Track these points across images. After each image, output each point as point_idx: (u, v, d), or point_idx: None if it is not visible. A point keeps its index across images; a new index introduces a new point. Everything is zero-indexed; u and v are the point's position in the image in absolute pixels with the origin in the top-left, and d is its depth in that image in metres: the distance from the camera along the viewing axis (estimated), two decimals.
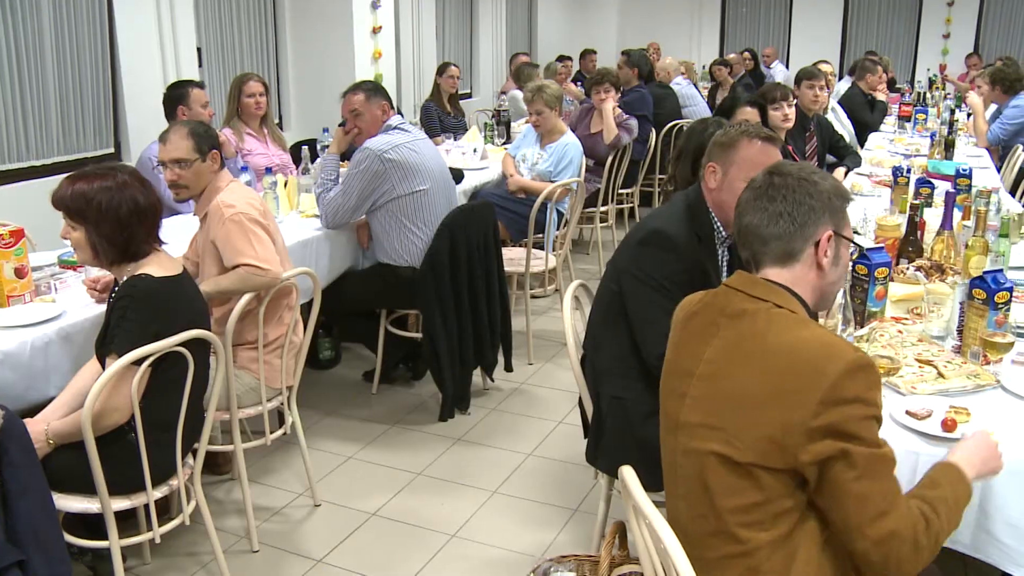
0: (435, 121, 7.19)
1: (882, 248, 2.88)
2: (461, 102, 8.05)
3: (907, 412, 2.22)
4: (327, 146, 4.37)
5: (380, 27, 7.70)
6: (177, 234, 3.47)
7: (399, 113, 4.28)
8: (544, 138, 5.39)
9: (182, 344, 2.48)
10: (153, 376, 2.49)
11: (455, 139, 6.47)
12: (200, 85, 4.68)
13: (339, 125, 4.22)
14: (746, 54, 11.42)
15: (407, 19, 8.91)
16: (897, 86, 10.59)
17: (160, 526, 2.66)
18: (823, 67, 7.56)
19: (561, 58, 9.98)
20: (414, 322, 4.48)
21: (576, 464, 3.65)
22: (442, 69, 7.54)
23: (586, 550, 2.95)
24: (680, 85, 8.64)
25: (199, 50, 6.30)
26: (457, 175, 4.99)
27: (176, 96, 4.56)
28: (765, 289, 1.82)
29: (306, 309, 3.33)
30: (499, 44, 11.37)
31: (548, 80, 6.15)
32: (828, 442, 1.62)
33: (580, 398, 2.84)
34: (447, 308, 4.05)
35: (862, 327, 2.68)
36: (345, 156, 4.31)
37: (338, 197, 3.99)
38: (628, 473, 1.80)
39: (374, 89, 4.14)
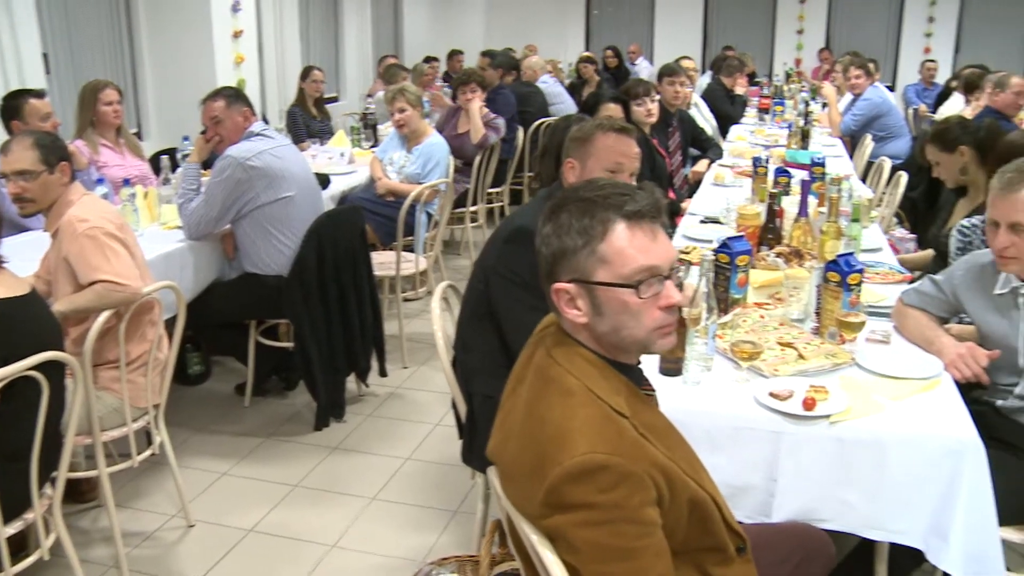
0: (301, 126, 7.08)
1: (742, 236, 2.96)
2: (328, 106, 7.95)
3: (770, 394, 2.28)
4: (188, 155, 4.24)
5: (241, 31, 7.53)
6: (26, 252, 3.29)
7: (264, 119, 4.19)
8: (410, 140, 5.36)
9: (33, 368, 2.35)
10: (1, 404, 2.35)
11: (322, 144, 6.38)
12: (40, 95, 4.43)
13: (200, 133, 4.10)
14: (609, 51, 11.61)
15: (269, 22, 8.73)
16: (756, 80, 10.94)
17: (14, 565, 2.50)
18: (685, 63, 7.75)
19: (428, 59, 9.96)
20: (285, 331, 4.39)
21: (454, 465, 3.64)
22: (306, 73, 7.43)
23: (468, 550, 2.95)
24: (547, 83, 8.72)
25: (45, 56, 6.01)
26: (323, 180, 4.92)
27: (10, 108, 4.31)
28: (557, 343, 1.65)
29: (171, 324, 3.22)
30: (365, 46, 11.27)
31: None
32: (560, 549, 1.52)
33: (453, 399, 2.83)
34: (317, 316, 3.98)
35: (726, 314, 2.74)
36: (207, 165, 4.19)
37: (200, 207, 3.88)
38: (492, 473, 1.79)
39: (234, 95, 4.04)
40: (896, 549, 2.31)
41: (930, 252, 3.97)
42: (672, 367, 2.41)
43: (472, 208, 6.43)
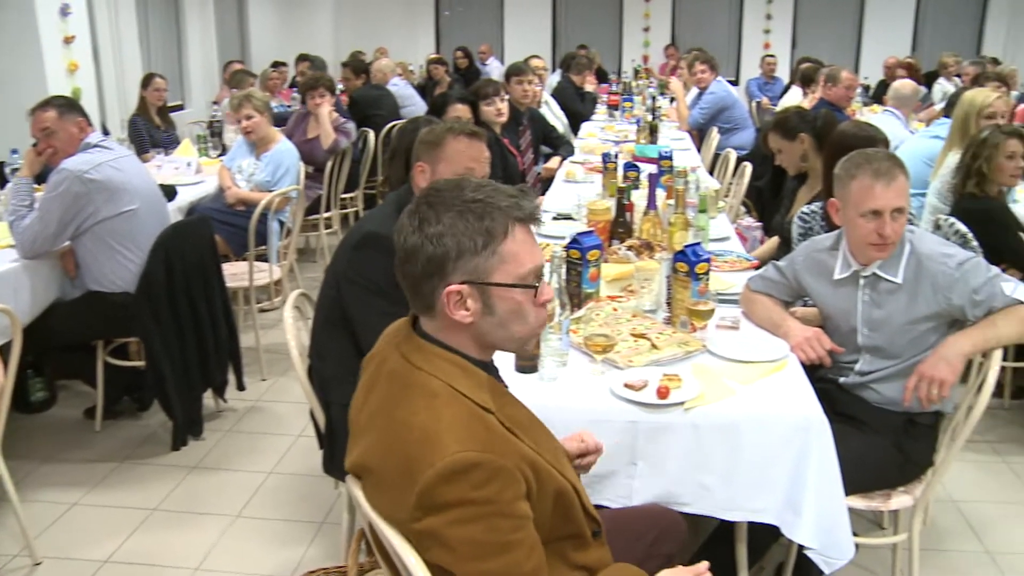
0: (144, 136, 6.81)
1: (592, 232, 3.01)
2: (172, 114, 7.68)
3: (625, 385, 2.32)
4: (17, 169, 4.02)
5: (73, 36, 7.17)
6: None
7: (104, 130, 4.01)
8: (258, 147, 5.23)
9: None
10: None
11: (167, 154, 6.16)
12: None
13: (32, 146, 3.89)
14: (459, 52, 11.62)
15: (105, 28, 8.37)
16: (610, 77, 11.15)
17: None
18: (534, 62, 7.83)
19: (276, 64, 9.74)
20: (136, 350, 4.21)
21: (318, 476, 3.55)
22: (146, 81, 7.15)
23: (336, 561, 2.90)
24: (397, 86, 8.67)
25: None
26: (169, 192, 4.75)
27: None
28: (413, 348, 1.64)
29: (6, 349, 3.04)
30: (210, 52, 10.96)
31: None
32: (433, 551, 1.51)
33: (311, 410, 2.78)
34: (168, 332, 3.84)
35: (579, 309, 2.78)
36: (40, 179, 3.98)
37: (35, 224, 3.68)
38: (353, 483, 1.76)
39: (67, 105, 3.85)
40: (754, 526, 2.40)
41: (776, 240, 4.12)
42: (528, 364, 2.42)
43: (326, 214, 6.33)
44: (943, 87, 9.62)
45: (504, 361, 2.26)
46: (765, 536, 2.45)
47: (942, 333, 2.63)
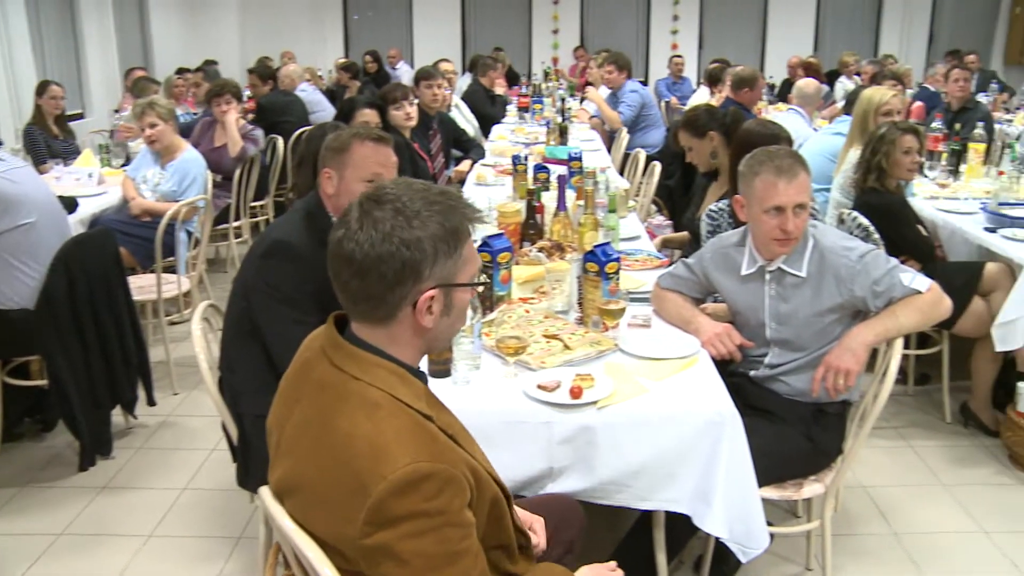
0: (41, 146, 6.59)
1: (502, 234, 3.01)
2: (71, 123, 7.45)
3: (538, 386, 2.33)
4: None
5: None
6: None
7: None
8: (163, 156, 5.11)
9: None
10: None
11: (66, 164, 5.97)
12: None
13: None
14: (368, 57, 11.53)
15: None
16: (520, 80, 11.19)
17: None
18: (444, 66, 7.82)
19: (180, 71, 9.54)
20: (38, 369, 4.07)
21: (234, 490, 3.48)
22: (41, 89, 6.91)
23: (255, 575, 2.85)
24: (306, 91, 8.56)
25: None
26: (69, 204, 4.60)
27: None
28: (346, 356, 1.58)
29: None
30: (111, 58, 10.67)
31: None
32: (385, 566, 1.46)
33: (223, 423, 2.72)
34: (72, 348, 3.71)
35: (491, 312, 2.78)
36: None
37: None
38: (265, 492, 1.73)
39: None
40: (672, 520, 2.43)
41: (686, 233, 4.19)
42: (441, 368, 2.41)
43: (235, 223, 6.22)
44: (844, 85, 9.88)
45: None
46: (684, 529, 2.48)
47: (846, 324, 2.70)
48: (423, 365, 2.27)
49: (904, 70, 9.28)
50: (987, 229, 4.21)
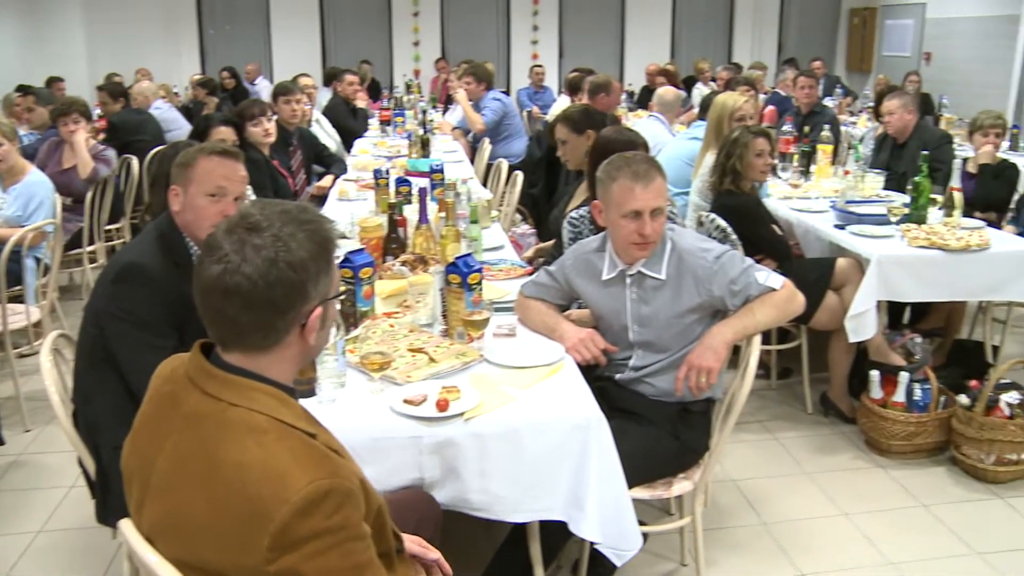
0: None
1: (363, 249, 2.97)
2: None
3: (404, 401, 2.30)
4: None
5: None
6: None
7: None
8: (6, 179, 4.86)
9: None
10: None
11: None
12: None
13: None
14: (225, 72, 11.26)
15: None
16: (382, 92, 11.11)
17: None
18: (303, 80, 7.72)
19: (21, 89, 9.08)
20: None
21: (95, 528, 3.32)
22: None
23: None
24: (160, 109, 8.29)
25: None
26: None
27: None
28: (220, 384, 1.52)
29: None
30: None
31: None
32: None
33: (79, 457, 2.59)
34: None
35: (355, 328, 2.74)
36: None
37: None
38: (127, 526, 1.65)
39: None
40: (547, 527, 2.44)
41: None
42: (305, 388, 2.35)
43: (89, 248, 5.95)
44: (701, 91, 10.17)
45: None
46: (559, 535, 2.49)
47: (706, 324, 2.76)
48: None
49: (756, 76, 9.62)
50: (837, 226, 4.39)
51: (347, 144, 7.33)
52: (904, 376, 3.88)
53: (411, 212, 3.74)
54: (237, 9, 13.90)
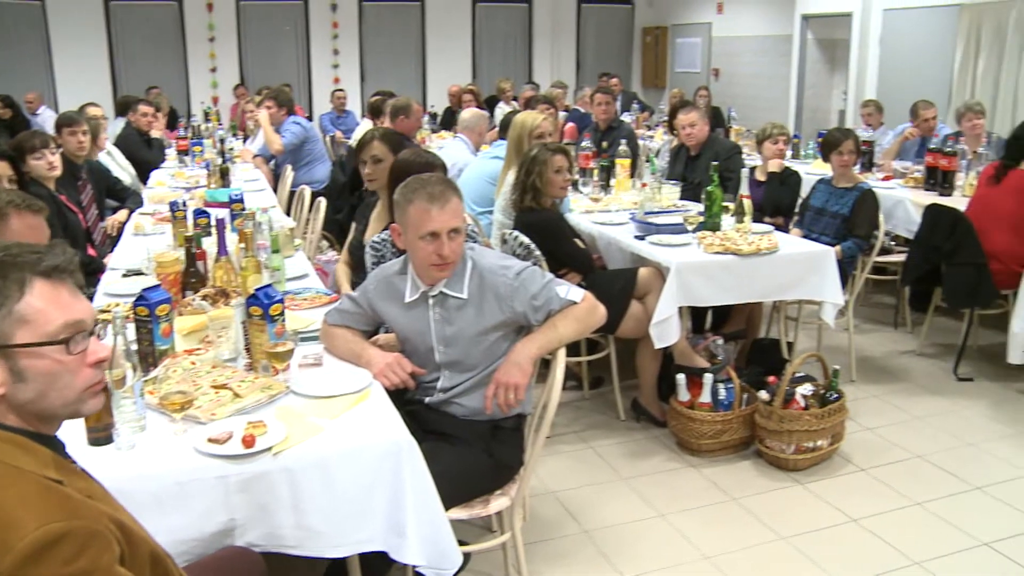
0: None
1: (159, 286, 2.85)
2: None
3: (209, 440, 2.22)
4: None
5: None
6: None
7: None
8: None
9: None
10: None
11: None
12: None
13: None
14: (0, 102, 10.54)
15: None
16: (179, 121, 10.71)
17: None
18: (91, 110, 7.36)
19: None
20: None
21: None
22: None
23: None
24: None
25: None
26: None
27: None
28: None
29: None
30: None
31: None
32: None
33: None
34: None
35: (155, 368, 2.62)
36: None
37: None
38: None
39: None
40: (366, 555, 2.39)
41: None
42: (101, 436, 2.23)
43: None
44: (502, 110, 10.34)
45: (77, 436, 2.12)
46: (379, 563, 2.45)
47: (512, 340, 2.79)
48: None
49: (556, 94, 9.88)
50: (637, 237, 4.54)
51: (143, 176, 7.03)
52: (708, 377, 4.05)
53: (210, 244, 3.62)
54: (10, 32, 12.93)
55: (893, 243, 6.17)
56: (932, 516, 3.63)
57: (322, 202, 5.29)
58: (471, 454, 2.75)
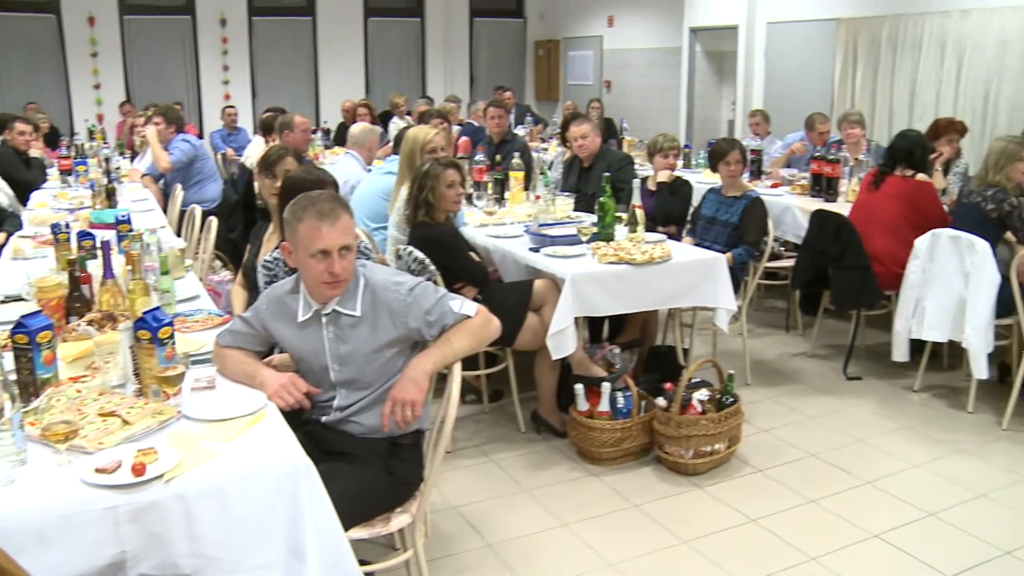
0: None
1: (40, 312, 2.75)
2: None
3: (96, 470, 2.15)
4: None
5: None
6: None
7: None
8: None
9: None
10: None
11: None
12: None
13: None
14: None
15: None
16: (60, 140, 10.36)
17: None
18: None
19: None
20: None
21: None
22: None
23: None
24: None
25: None
26: None
27: None
28: None
29: None
30: None
31: None
32: None
33: None
34: None
35: (37, 397, 2.53)
36: None
37: None
38: None
39: None
40: None
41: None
42: None
43: None
44: (397, 125, 10.30)
45: None
46: None
47: (407, 357, 2.78)
48: None
49: (450, 108, 9.88)
50: (531, 249, 4.58)
51: (22, 197, 6.76)
52: (606, 386, 4.11)
53: (96, 267, 3.50)
54: None
55: (782, 249, 6.36)
56: (826, 512, 3.75)
57: (213, 221, 5.18)
58: (370, 472, 2.72)
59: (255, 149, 7.75)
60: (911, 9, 8.75)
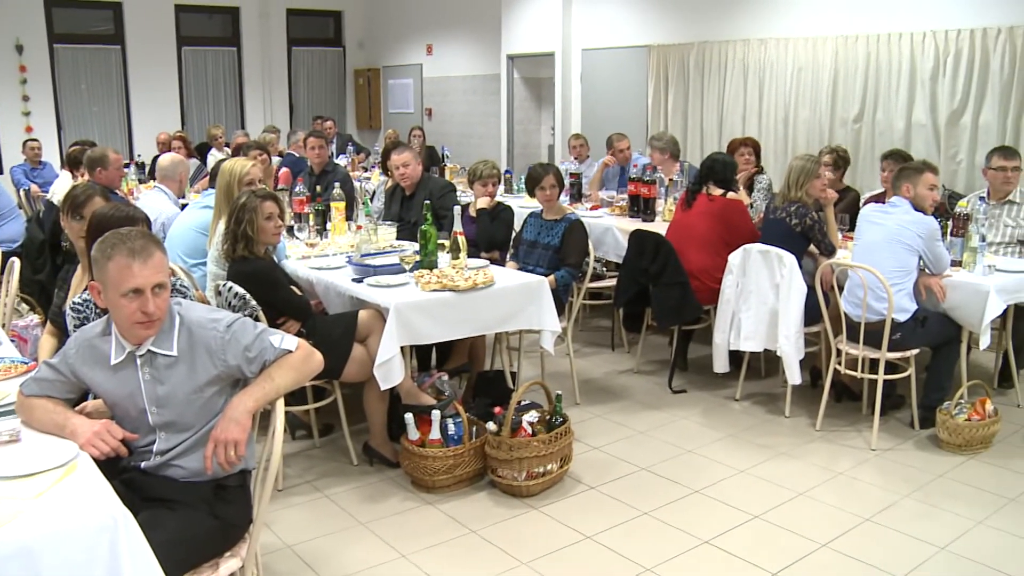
0: None
1: None
2: None
3: None
4: None
5: None
6: None
7: None
8: None
9: None
10: None
11: None
12: None
13: None
14: None
15: None
16: None
17: None
18: None
19: None
20: None
21: None
22: None
23: None
24: None
25: None
26: None
27: None
28: None
29: None
30: None
31: None
32: None
33: None
34: None
35: None
36: None
37: None
38: None
39: None
40: None
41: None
42: None
43: None
44: (215, 157, 10.03)
45: None
46: None
47: (228, 395, 2.71)
48: None
49: (269, 139, 9.70)
50: (355, 280, 4.55)
51: None
52: (436, 414, 4.11)
53: None
54: None
55: (604, 269, 6.55)
56: (658, 523, 3.88)
57: (15, 262, 4.89)
58: (195, 517, 2.62)
59: (62, 185, 7.39)
60: (715, 36, 9.20)
